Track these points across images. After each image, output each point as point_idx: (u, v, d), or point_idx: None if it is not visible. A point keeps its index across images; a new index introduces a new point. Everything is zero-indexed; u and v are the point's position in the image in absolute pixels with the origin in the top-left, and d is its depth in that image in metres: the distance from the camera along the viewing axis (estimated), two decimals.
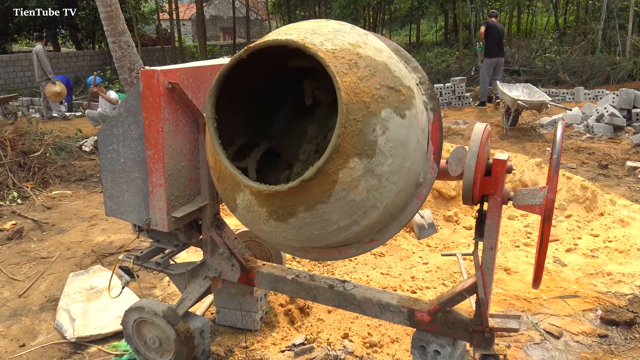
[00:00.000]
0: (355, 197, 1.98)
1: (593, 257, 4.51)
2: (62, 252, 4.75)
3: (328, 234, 2.12)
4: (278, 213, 2.08)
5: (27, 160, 6.98)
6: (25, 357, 3.24)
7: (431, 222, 5.14)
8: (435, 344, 2.46)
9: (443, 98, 12.85)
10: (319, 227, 2.08)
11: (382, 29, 27.33)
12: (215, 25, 39.20)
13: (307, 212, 2.02)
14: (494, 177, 2.19)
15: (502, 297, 3.77)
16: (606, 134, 9.02)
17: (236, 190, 2.21)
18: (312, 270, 4.17)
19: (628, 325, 3.39)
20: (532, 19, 26.66)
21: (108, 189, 2.77)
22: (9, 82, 17.33)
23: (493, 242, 2.26)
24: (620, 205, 5.65)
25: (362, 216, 2.06)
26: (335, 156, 1.88)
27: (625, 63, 14.06)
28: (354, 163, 1.91)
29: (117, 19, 8.27)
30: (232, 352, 3.14)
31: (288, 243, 2.29)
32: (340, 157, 1.89)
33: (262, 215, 2.14)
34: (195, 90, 2.62)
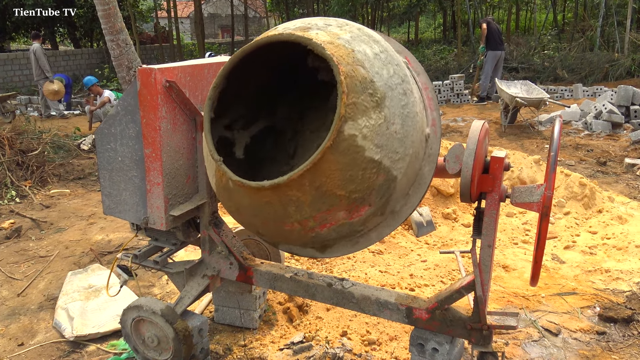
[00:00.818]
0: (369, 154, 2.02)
1: (591, 254, 4.52)
2: (61, 250, 4.75)
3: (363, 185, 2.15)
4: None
5: (25, 159, 6.97)
6: (24, 356, 3.24)
7: (430, 220, 5.14)
8: (433, 341, 2.46)
9: (441, 95, 12.84)
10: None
11: (380, 26, 27.31)
12: (213, 23, 39.14)
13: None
14: (492, 174, 2.19)
15: (501, 294, 3.78)
16: (604, 131, 9.02)
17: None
18: (310, 268, 4.17)
19: (626, 322, 3.39)
20: (531, 15, 26.64)
21: (106, 188, 2.77)
22: (7, 80, 17.29)
23: (491, 239, 2.26)
24: (618, 202, 5.65)
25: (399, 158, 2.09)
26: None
27: (623, 60, 14.06)
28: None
29: (115, 17, 8.26)
30: (230, 351, 3.14)
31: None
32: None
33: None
34: (192, 89, 2.61)
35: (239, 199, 2.16)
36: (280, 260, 3.52)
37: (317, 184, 1.94)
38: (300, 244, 2.33)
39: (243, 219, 2.32)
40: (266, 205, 2.07)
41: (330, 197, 1.97)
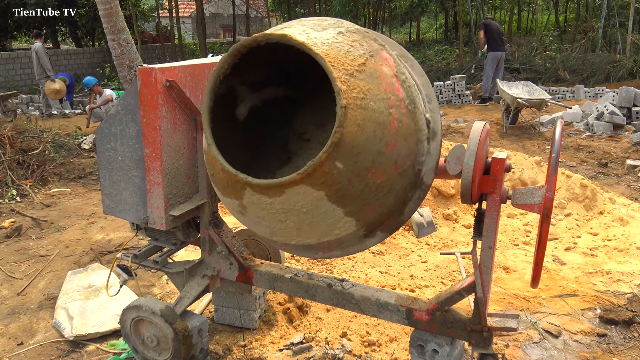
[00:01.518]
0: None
1: (592, 255, 4.51)
2: (61, 250, 4.75)
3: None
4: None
5: (26, 158, 6.97)
6: (24, 355, 3.24)
7: (430, 221, 5.13)
8: (433, 343, 2.45)
9: (443, 96, 12.83)
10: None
11: (382, 27, 27.30)
12: (215, 23, 39.15)
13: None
14: (493, 175, 2.18)
15: (501, 295, 3.77)
16: (606, 132, 9.01)
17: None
18: (310, 268, 4.17)
19: (627, 324, 3.38)
20: (533, 16, 26.63)
21: (106, 187, 2.76)
22: (8, 79, 17.31)
23: (492, 241, 2.25)
24: (619, 204, 5.64)
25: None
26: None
27: (625, 61, 14.04)
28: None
29: (117, 16, 8.26)
30: (230, 351, 3.13)
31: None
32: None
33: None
34: (193, 88, 2.61)
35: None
36: (280, 260, 3.51)
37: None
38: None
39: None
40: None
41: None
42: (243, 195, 2.02)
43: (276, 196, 1.92)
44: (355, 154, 1.83)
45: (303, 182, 1.83)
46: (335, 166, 1.82)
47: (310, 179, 1.83)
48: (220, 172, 2.08)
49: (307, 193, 1.87)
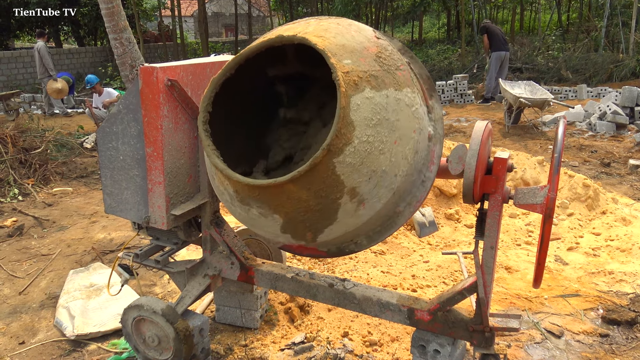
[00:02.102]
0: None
1: (595, 255, 4.49)
2: (63, 249, 4.75)
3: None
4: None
5: (28, 157, 6.98)
6: (25, 354, 3.24)
7: (432, 220, 5.12)
8: (435, 343, 2.44)
9: (445, 95, 12.82)
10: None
11: (384, 26, 27.27)
12: (217, 22, 39.13)
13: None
14: (495, 175, 2.17)
15: (503, 295, 3.76)
16: (609, 132, 8.99)
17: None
18: (312, 268, 4.16)
19: (629, 324, 3.37)
20: (535, 16, 26.56)
21: (107, 187, 2.76)
22: (11, 78, 17.32)
23: (494, 241, 2.24)
24: (622, 204, 5.62)
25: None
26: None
27: (628, 61, 14.00)
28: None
29: (119, 15, 8.26)
30: (231, 351, 3.13)
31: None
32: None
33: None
34: (194, 88, 2.60)
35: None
36: (281, 260, 3.51)
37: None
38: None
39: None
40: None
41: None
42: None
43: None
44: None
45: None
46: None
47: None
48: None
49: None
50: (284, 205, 1.98)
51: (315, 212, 1.98)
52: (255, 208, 2.07)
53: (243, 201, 2.09)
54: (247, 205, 2.09)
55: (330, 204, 1.96)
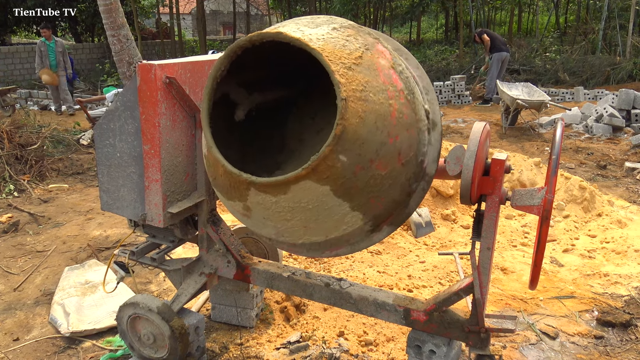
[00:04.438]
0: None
1: (590, 257, 4.51)
2: (58, 245, 4.73)
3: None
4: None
5: (24, 153, 6.95)
6: (19, 351, 3.22)
7: (429, 221, 5.13)
8: (430, 343, 2.45)
9: (442, 96, 12.83)
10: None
11: (382, 26, 27.27)
12: (215, 20, 39.05)
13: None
14: (493, 177, 2.18)
15: (499, 296, 3.77)
16: (605, 134, 9.01)
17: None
18: (308, 267, 4.16)
19: (624, 326, 3.38)
20: (533, 18, 26.63)
21: (104, 184, 2.75)
22: (7, 74, 17.24)
23: (490, 242, 2.25)
24: (618, 206, 5.64)
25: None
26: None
27: (625, 63, 14.04)
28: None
29: (117, 12, 8.24)
30: (227, 349, 3.13)
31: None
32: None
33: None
34: (192, 85, 2.60)
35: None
36: (278, 259, 3.50)
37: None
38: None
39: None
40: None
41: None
42: (247, 196, 2.00)
43: (281, 194, 1.91)
44: (359, 146, 1.82)
45: (308, 177, 1.82)
46: (340, 159, 1.81)
47: (315, 174, 1.82)
48: (222, 175, 2.07)
49: (312, 189, 1.86)
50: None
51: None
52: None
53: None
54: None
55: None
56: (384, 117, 1.87)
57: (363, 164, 1.86)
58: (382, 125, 1.86)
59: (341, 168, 1.83)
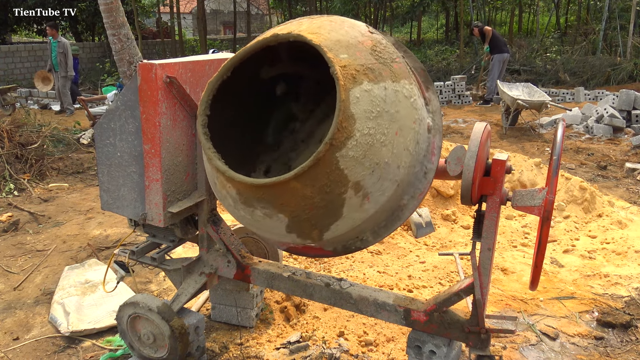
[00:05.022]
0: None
1: (590, 258, 4.51)
2: (58, 245, 4.73)
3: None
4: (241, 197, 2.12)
5: (25, 152, 6.95)
6: (19, 350, 3.22)
7: (429, 221, 5.13)
8: (431, 344, 2.44)
9: (443, 96, 12.83)
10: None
11: (383, 26, 27.27)
12: (215, 19, 39.04)
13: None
14: (493, 177, 2.17)
15: (499, 297, 3.76)
16: (605, 135, 9.01)
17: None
18: (308, 267, 4.16)
19: (624, 327, 3.38)
20: (533, 18, 26.61)
21: (104, 183, 2.75)
22: (7, 73, 17.24)
23: (491, 242, 2.24)
24: (618, 207, 5.64)
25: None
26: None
27: (625, 64, 14.04)
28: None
29: (117, 11, 8.23)
30: (227, 349, 3.13)
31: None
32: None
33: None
34: (193, 85, 2.59)
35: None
36: (278, 259, 3.50)
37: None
38: None
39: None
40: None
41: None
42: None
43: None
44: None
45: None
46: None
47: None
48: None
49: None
50: (289, 203, 1.97)
51: (320, 209, 1.97)
52: (259, 209, 2.05)
53: (247, 203, 2.07)
54: (251, 207, 2.07)
55: (335, 200, 1.95)
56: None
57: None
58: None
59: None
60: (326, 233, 2.08)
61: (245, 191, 2.03)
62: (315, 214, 1.99)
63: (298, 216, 2.01)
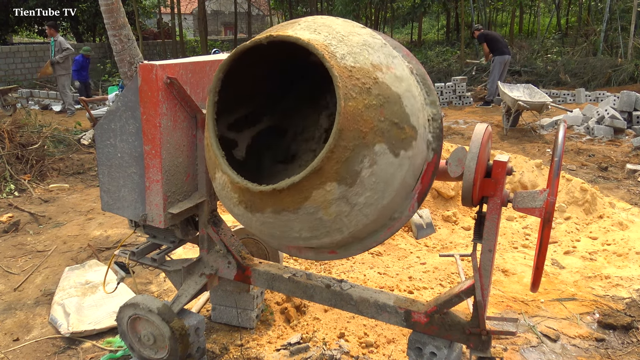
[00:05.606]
0: (323, 216, 1.99)
1: (591, 260, 4.50)
2: (59, 245, 4.73)
3: (288, 238, 2.16)
4: (247, 204, 2.12)
5: (25, 153, 6.95)
6: (19, 351, 3.22)
7: (429, 222, 5.12)
8: (431, 345, 2.44)
9: (443, 97, 12.83)
10: (281, 230, 2.12)
11: (383, 27, 27.27)
12: (216, 20, 39.07)
13: (273, 215, 2.06)
14: (494, 179, 2.17)
15: (500, 298, 3.76)
16: (606, 136, 9.00)
17: (216, 167, 2.24)
18: (309, 268, 4.15)
19: (625, 329, 3.37)
20: (534, 19, 26.62)
21: (105, 184, 2.75)
22: (8, 73, 17.24)
23: (492, 244, 2.24)
24: (619, 208, 5.63)
25: (324, 234, 2.08)
26: (313, 176, 1.87)
27: (626, 65, 14.03)
28: (331, 187, 1.91)
29: (118, 12, 8.23)
30: (227, 350, 3.12)
31: (252, 229, 2.30)
32: (319, 178, 1.89)
33: (233, 198, 2.19)
34: (194, 86, 2.59)
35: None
36: (278, 260, 3.50)
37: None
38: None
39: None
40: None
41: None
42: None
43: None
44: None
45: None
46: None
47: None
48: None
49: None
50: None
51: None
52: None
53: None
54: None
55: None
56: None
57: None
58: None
59: None
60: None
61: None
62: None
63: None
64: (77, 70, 12.51)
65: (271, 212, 2.04)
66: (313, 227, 2.03)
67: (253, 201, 2.07)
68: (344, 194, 1.92)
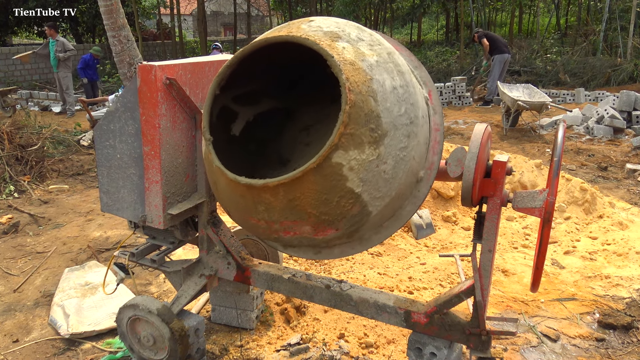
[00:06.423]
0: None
1: (591, 259, 4.50)
2: (58, 247, 4.73)
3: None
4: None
5: (25, 154, 6.95)
6: (19, 352, 3.22)
7: (429, 222, 5.12)
8: (431, 346, 2.44)
9: (443, 97, 12.83)
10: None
11: (383, 27, 27.27)
12: (216, 21, 39.07)
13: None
14: (494, 179, 2.17)
15: (500, 298, 3.75)
16: (606, 136, 9.00)
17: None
18: (308, 269, 4.15)
19: (625, 329, 3.37)
20: (534, 19, 26.62)
21: (104, 185, 2.74)
22: (8, 74, 17.24)
23: (492, 244, 2.24)
24: (619, 208, 5.63)
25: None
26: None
27: (626, 65, 14.03)
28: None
29: (117, 13, 8.24)
30: (227, 351, 3.12)
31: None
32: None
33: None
34: (193, 87, 2.59)
35: (219, 179, 2.22)
36: (278, 260, 3.50)
37: (291, 196, 1.96)
38: (263, 238, 2.37)
39: (219, 196, 2.37)
40: (240, 197, 2.12)
41: (300, 211, 2.00)
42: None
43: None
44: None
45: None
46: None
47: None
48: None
49: None
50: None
51: None
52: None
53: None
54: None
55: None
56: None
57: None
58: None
59: None
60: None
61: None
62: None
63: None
64: (83, 68, 12.54)
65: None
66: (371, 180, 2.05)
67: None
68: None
